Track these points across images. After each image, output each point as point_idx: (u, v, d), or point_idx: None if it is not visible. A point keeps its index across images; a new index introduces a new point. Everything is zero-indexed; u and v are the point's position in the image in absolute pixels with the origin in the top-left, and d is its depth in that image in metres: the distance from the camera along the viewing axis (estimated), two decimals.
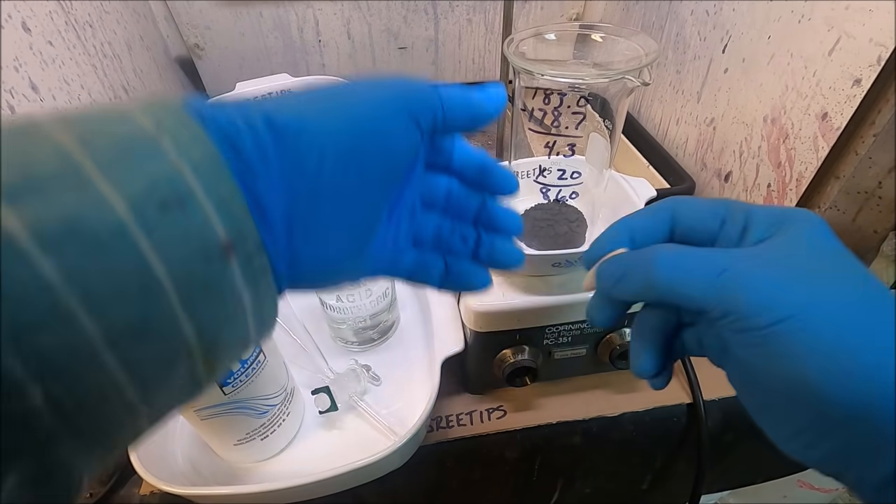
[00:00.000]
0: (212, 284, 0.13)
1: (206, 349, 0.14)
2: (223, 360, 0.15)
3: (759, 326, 0.17)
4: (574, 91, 0.32)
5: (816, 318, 0.17)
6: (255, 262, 0.15)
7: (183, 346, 0.13)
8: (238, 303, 0.14)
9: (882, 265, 0.36)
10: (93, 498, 0.40)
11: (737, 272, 0.18)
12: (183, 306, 0.13)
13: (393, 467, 0.38)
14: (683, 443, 0.46)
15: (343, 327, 0.47)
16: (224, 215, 0.13)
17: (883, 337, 0.16)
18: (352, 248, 0.19)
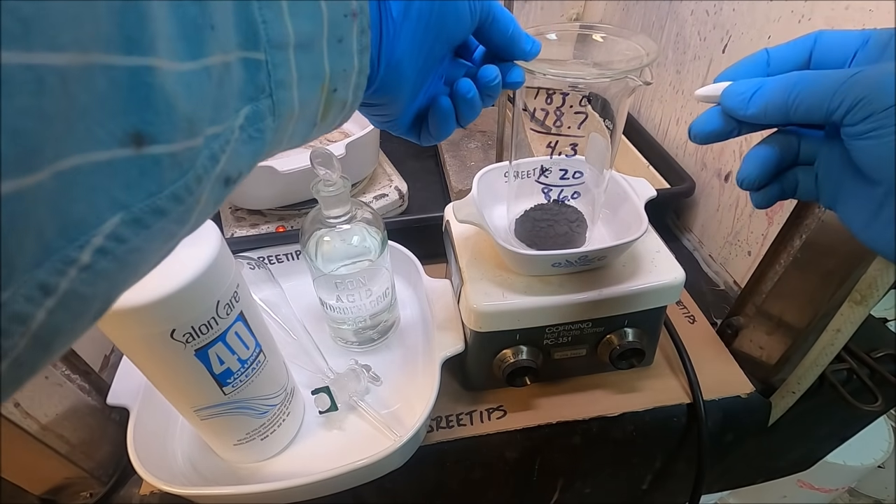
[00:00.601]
0: (343, 38, 0.18)
1: (329, 90, 0.19)
2: (332, 109, 0.20)
3: (887, 105, 0.18)
4: (575, 91, 0.32)
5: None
6: (364, 38, 0.19)
7: (322, 74, 0.18)
8: (350, 63, 0.19)
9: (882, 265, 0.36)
10: (93, 498, 0.40)
11: (868, 71, 0.19)
12: (328, 46, 0.18)
13: (393, 467, 0.38)
14: (683, 443, 0.46)
15: (343, 327, 0.47)
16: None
17: None
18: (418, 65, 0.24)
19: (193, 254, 0.28)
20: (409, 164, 0.76)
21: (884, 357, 0.47)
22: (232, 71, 0.15)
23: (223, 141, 0.15)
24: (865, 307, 0.37)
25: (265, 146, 0.17)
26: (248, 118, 0.16)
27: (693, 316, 0.53)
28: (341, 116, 0.21)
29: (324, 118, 0.20)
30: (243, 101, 0.16)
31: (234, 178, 0.16)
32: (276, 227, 0.60)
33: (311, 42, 0.17)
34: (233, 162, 0.16)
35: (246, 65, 0.15)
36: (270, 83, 0.16)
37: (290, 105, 0.17)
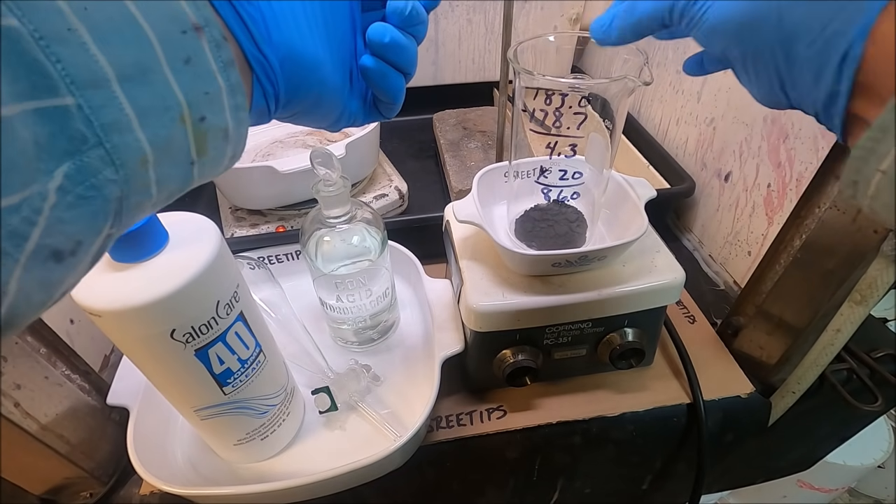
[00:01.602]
0: (190, 58, 0.16)
1: (194, 120, 0.16)
2: (209, 140, 0.17)
3: None
4: (575, 91, 0.32)
5: None
6: (223, 52, 0.17)
7: (175, 104, 0.16)
8: (212, 85, 0.17)
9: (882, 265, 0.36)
10: (93, 498, 0.40)
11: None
12: (172, 70, 0.15)
13: (393, 467, 0.38)
14: (683, 443, 0.46)
15: (343, 327, 0.47)
16: (192, 5, 0.16)
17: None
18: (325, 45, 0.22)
19: (193, 254, 0.28)
20: (409, 164, 0.76)
21: (884, 357, 0.47)
22: (15, 130, 0.12)
23: (28, 211, 0.12)
24: (865, 307, 0.37)
25: (110, 203, 0.14)
26: (69, 177, 0.13)
27: (693, 316, 0.53)
28: (229, 146, 0.18)
29: (201, 153, 0.17)
30: (55, 158, 0.13)
31: (70, 251, 0.14)
32: (276, 227, 0.61)
33: (144, 70, 0.15)
34: (56, 232, 0.13)
35: (43, 116, 0.13)
36: (96, 130, 0.14)
37: (137, 149, 0.15)
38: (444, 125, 0.77)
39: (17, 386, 0.34)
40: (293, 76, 0.21)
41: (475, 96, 0.87)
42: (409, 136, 0.83)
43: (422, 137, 0.82)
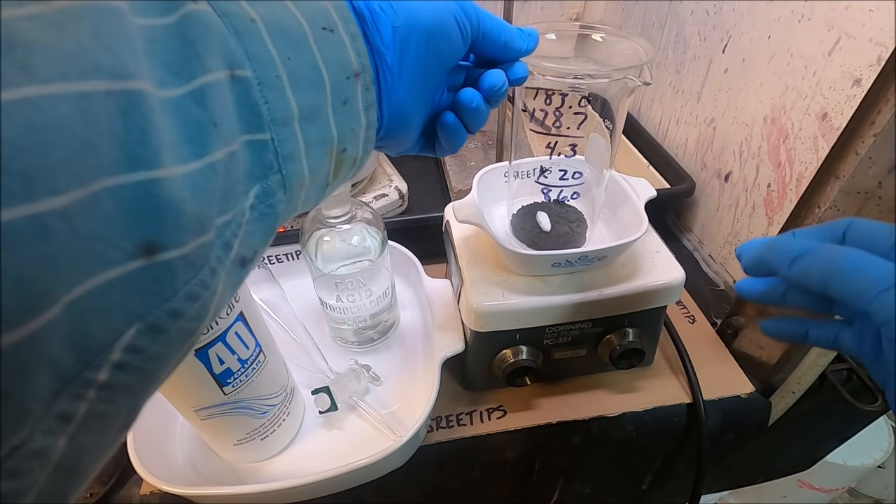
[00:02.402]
0: (348, 100, 0.19)
1: (338, 151, 0.19)
2: (343, 167, 0.20)
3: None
4: (575, 91, 0.32)
5: None
6: (369, 95, 0.20)
7: (330, 139, 0.18)
8: (357, 122, 0.20)
9: None
10: (93, 498, 0.40)
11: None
12: (333, 110, 0.18)
13: (393, 467, 0.38)
14: (683, 443, 0.46)
15: (344, 327, 0.47)
16: (354, 49, 0.19)
17: None
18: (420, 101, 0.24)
19: None
20: (409, 164, 0.76)
21: None
22: (237, 157, 0.15)
23: (235, 226, 0.15)
24: None
25: (277, 219, 0.17)
26: (258, 197, 0.16)
27: (693, 316, 0.53)
28: (353, 171, 0.21)
29: (335, 177, 0.20)
30: (251, 181, 0.16)
31: (250, 258, 0.16)
32: None
33: (316, 111, 0.17)
34: (246, 243, 0.16)
35: (252, 147, 0.15)
36: (279, 159, 0.16)
37: (301, 175, 0.17)
38: None
39: None
40: (393, 125, 0.23)
41: None
42: None
43: None
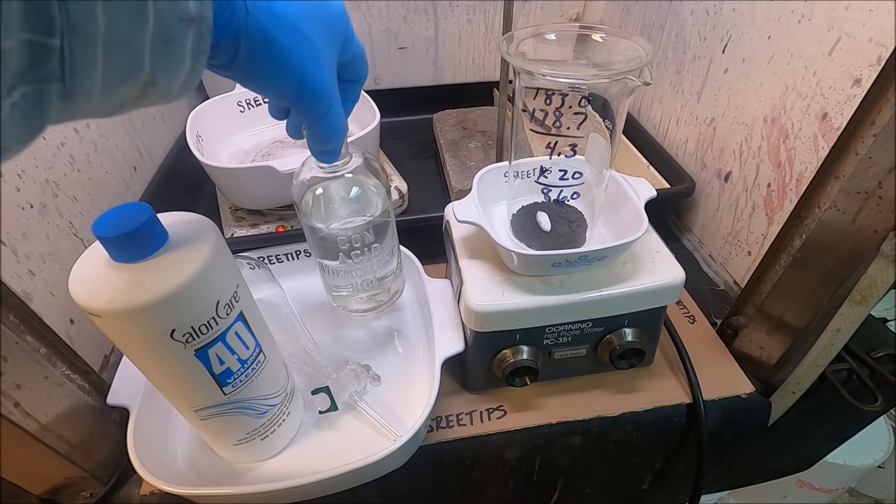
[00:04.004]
0: (173, 40, 0.18)
1: (149, 80, 0.19)
2: (150, 96, 0.20)
3: None
4: (575, 91, 0.32)
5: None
6: (203, 43, 0.20)
7: (139, 70, 0.18)
8: (180, 65, 0.19)
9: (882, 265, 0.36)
10: (93, 498, 0.40)
11: None
12: (152, 45, 0.18)
13: (393, 467, 0.38)
14: (683, 443, 0.46)
15: (344, 293, 0.44)
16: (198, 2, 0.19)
17: None
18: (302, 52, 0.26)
19: (193, 254, 0.28)
20: (409, 164, 0.76)
21: (884, 357, 0.47)
22: (10, 53, 0.14)
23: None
24: (865, 307, 0.37)
25: (45, 123, 0.17)
26: (25, 97, 0.15)
27: (693, 316, 0.53)
28: (164, 101, 0.21)
29: (137, 102, 0.20)
30: (22, 81, 0.15)
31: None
32: (276, 227, 0.60)
33: (129, 39, 0.17)
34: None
35: (32, 47, 0.15)
36: (64, 68, 0.16)
37: (89, 91, 0.17)
38: (444, 125, 0.77)
39: (17, 386, 0.34)
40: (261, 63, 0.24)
41: (475, 96, 0.87)
42: (409, 136, 0.83)
43: (422, 137, 0.82)
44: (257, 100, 0.71)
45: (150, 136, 0.68)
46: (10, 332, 0.34)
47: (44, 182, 0.45)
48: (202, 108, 0.66)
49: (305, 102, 0.27)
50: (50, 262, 0.43)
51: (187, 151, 0.59)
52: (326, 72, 0.27)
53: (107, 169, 0.56)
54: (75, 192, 0.49)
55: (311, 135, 0.31)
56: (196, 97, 0.84)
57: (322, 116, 0.28)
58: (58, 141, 0.48)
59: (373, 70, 0.86)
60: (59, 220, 0.46)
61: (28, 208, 0.42)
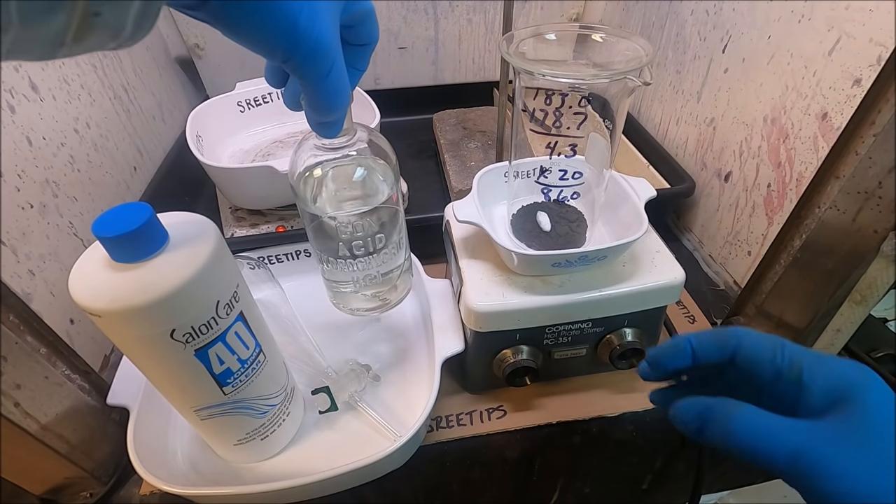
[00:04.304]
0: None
1: (88, 13, 0.15)
2: (94, 33, 0.16)
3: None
4: (575, 91, 0.32)
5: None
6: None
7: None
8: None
9: (882, 265, 0.36)
10: (93, 498, 0.40)
11: (813, 459, 0.21)
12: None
13: (393, 467, 0.38)
14: (683, 443, 0.46)
15: (345, 290, 0.40)
16: None
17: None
18: None
19: (193, 253, 0.28)
20: (409, 164, 0.76)
21: (884, 357, 0.47)
22: None
23: None
24: (865, 307, 0.37)
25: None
26: None
27: (693, 316, 0.53)
28: (117, 43, 0.17)
29: (78, 40, 0.16)
30: None
31: None
32: (276, 227, 0.60)
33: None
34: None
35: None
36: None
37: (5, 17, 0.14)
38: (444, 125, 0.77)
39: (17, 386, 0.34)
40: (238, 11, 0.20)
41: (475, 96, 0.87)
42: (409, 136, 0.83)
43: (422, 137, 0.82)
44: (257, 100, 0.71)
45: (150, 136, 0.68)
46: (10, 332, 0.34)
47: (44, 182, 0.45)
48: (202, 108, 0.66)
49: (301, 58, 0.23)
50: (50, 262, 0.43)
51: (187, 151, 0.59)
52: (326, 23, 0.23)
53: (107, 169, 0.56)
54: (75, 192, 0.49)
55: (309, 102, 0.26)
56: (196, 97, 0.85)
57: (322, 78, 0.24)
58: (58, 141, 0.48)
59: (373, 70, 0.86)
60: (59, 220, 0.46)
61: (28, 208, 0.42)
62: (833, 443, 0.21)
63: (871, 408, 0.22)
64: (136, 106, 0.65)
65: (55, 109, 0.49)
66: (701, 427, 0.24)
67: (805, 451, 0.21)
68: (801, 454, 0.21)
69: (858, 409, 0.22)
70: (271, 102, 0.72)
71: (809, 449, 0.21)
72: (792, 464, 0.21)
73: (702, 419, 0.24)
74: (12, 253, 0.39)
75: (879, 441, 0.21)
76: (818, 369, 0.24)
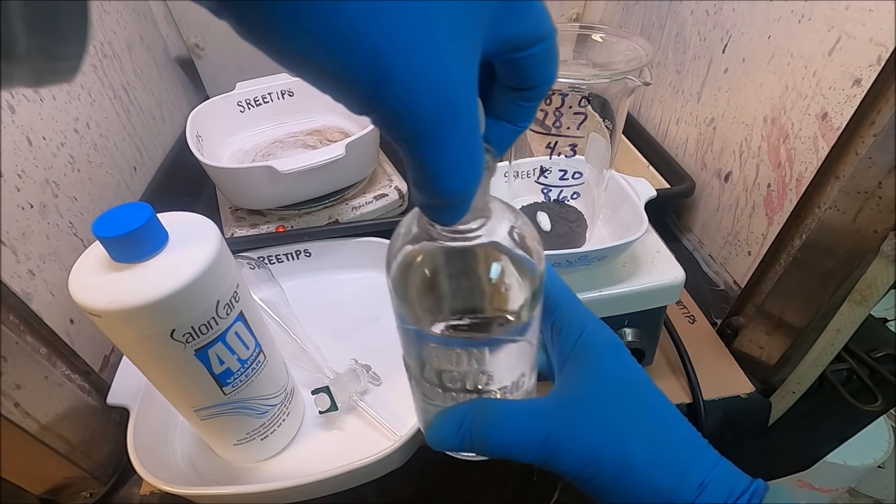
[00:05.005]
0: None
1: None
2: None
3: (584, 479, 0.21)
4: (575, 91, 0.32)
5: (627, 468, 0.20)
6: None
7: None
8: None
9: (882, 265, 0.36)
10: (93, 498, 0.40)
11: (558, 439, 0.21)
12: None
13: (393, 467, 0.38)
14: None
15: (434, 403, 0.26)
16: None
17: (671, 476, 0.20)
18: None
19: (193, 254, 0.28)
20: None
21: (884, 357, 0.47)
22: None
23: None
24: (865, 307, 0.37)
25: None
26: None
27: (693, 316, 0.53)
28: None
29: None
30: None
31: None
32: (276, 227, 0.60)
33: None
34: None
35: None
36: None
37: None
38: None
39: (17, 386, 0.34)
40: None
41: None
42: None
43: None
44: (257, 100, 0.71)
45: (150, 136, 0.68)
46: (10, 332, 0.35)
47: (44, 182, 0.45)
48: (202, 108, 0.66)
49: (391, 107, 0.13)
50: (50, 262, 0.43)
51: (187, 151, 0.59)
52: (447, 53, 0.13)
53: (107, 169, 0.56)
54: (75, 192, 0.49)
55: (412, 176, 0.16)
56: (196, 97, 0.85)
57: (431, 144, 0.14)
58: (58, 141, 0.48)
59: None
60: (59, 220, 0.46)
61: (28, 208, 0.42)
62: (572, 415, 0.21)
63: (607, 369, 0.22)
64: (136, 106, 0.65)
65: (55, 109, 0.49)
66: (462, 440, 0.23)
67: (552, 433, 0.21)
68: (548, 437, 0.21)
69: (593, 370, 0.22)
70: (271, 102, 0.72)
71: (554, 430, 0.21)
72: (542, 452, 0.21)
73: (461, 433, 0.23)
74: (12, 253, 0.39)
75: (615, 404, 0.21)
76: (569, 318, 0.24)
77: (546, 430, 0.21)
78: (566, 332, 0.24)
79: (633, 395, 0.22)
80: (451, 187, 0.16)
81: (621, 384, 0.22)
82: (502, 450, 0.22)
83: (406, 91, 0.13)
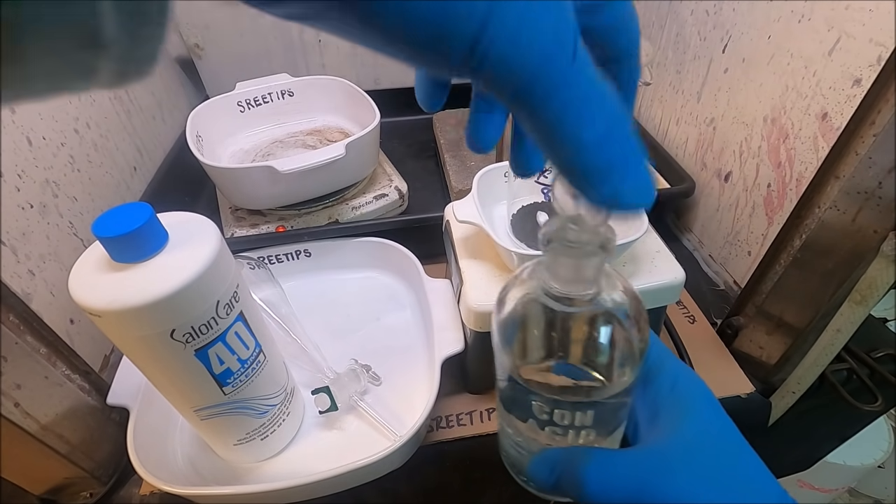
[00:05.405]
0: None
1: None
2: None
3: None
4: None
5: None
6: None
7: None
8: None
9: (882, 265, 0.36)
10: (93, 498, 0.40)
11: (653, 488, 0.21)
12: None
13: (393, 467, 0.38)
14: None
15: (521, 452, 0.27)
16: None
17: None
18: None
19: (193, 254, 0.28)
20: (409, 164, 0.76)
21: (884, 357, 0.47)
22: None
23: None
24: (865, 307, 0.37)
25: None
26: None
27: (693, 316, 0.53)
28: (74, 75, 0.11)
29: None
30: None
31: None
32: (276, 227, 0.60)
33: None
34: None
35: None
36: None
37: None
38: (444, 125, 0.77)
39: (17, 386, 0.34)
40: None
41: None
42: (409, 136, 0.83)
43: (422, 137, 0.82)
44: (257, 100, 0.71)
45: (150, 136, 0.68)
46: (10, 332, 0.35)
47: (44, 182, 0.45)
48: (202, 108, 0.66)
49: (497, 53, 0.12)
50: (50, 262, 0.43)
51: (187, 151, 0.59)
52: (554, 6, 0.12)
53: (107, 169, 0.56)
54: (75, 192, 0.49)
55: (542, 137, 0.13)
56: (196, 97, 0.85)
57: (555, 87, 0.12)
58: (58, 141, 0.48)
59: (373, 70, 0.86)
60: (59, 220, 0.46)
61: (28, 208, 0.42)
62: (671, 472, 0.21)
63: (709, 427, 0.22)
64: (136, 106, 0.65)
65: (55, 109, 0.49)
66: (556, 483, 0.23)
67: (648, 486, 0.21)
68: (643, 489, 0.21)
69: (693, 427, 0.22)
70: (271, 102, 0.72)
71: (652, 485, 0.21)
72: (636, 501, 0.21)
73: (555, 475, 0.24)
74: (12, 253, 0.39)
75: (711, 457, 0.21)
76: (664, 363, 0.24)
77: (641, 478, 0.22)
78: (658, 381, 0.24)
79: (729, 451, 0.22)
80: (594, 137, 0.13)
81: (719, 438, 0.22)
82: (597, 494, 0.22)
83: (517, 22, 0.11)
